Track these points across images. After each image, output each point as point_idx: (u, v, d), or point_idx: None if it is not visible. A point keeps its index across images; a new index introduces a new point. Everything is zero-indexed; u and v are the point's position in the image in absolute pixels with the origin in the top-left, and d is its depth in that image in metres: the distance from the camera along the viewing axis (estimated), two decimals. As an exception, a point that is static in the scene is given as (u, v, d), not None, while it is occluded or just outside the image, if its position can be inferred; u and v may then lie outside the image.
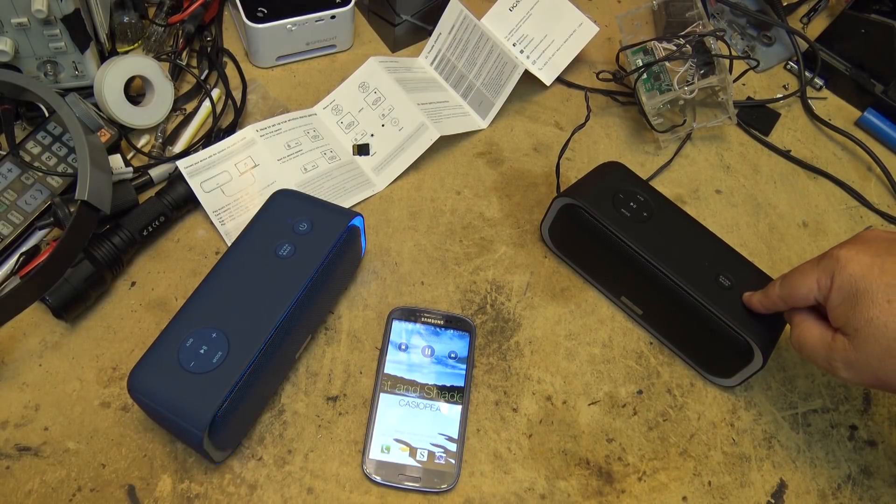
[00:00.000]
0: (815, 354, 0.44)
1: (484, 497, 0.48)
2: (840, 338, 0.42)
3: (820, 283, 0.43)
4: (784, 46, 0.77)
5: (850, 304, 0.41)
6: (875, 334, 0.40)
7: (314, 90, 0.68)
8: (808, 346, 0.44)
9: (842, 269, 0.42)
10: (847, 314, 0.41)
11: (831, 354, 0.43)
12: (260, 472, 0.48)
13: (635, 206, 0.54)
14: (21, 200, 0.55)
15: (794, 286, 0.45)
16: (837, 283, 0.42)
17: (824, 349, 0.43)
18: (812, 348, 0.44)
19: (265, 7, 0.65)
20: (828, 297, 0.43)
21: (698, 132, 0.70)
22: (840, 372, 0.43)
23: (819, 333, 0.44)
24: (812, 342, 0.44)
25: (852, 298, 0.41)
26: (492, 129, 0.67)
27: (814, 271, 0.44)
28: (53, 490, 0.46)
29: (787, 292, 0.46)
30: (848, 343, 0.41)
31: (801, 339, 0.45)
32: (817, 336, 0.44)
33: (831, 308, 0.43)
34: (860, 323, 0.40)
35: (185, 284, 0.55)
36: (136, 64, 0.59)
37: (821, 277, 0.43)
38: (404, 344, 0.53)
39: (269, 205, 0.51)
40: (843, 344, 0.42)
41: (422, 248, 0.59)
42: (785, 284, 0.46)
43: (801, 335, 0.45)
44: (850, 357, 0.42)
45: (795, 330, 0.46)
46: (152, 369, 0.44)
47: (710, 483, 0.51)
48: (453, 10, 0.67)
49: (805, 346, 0.45)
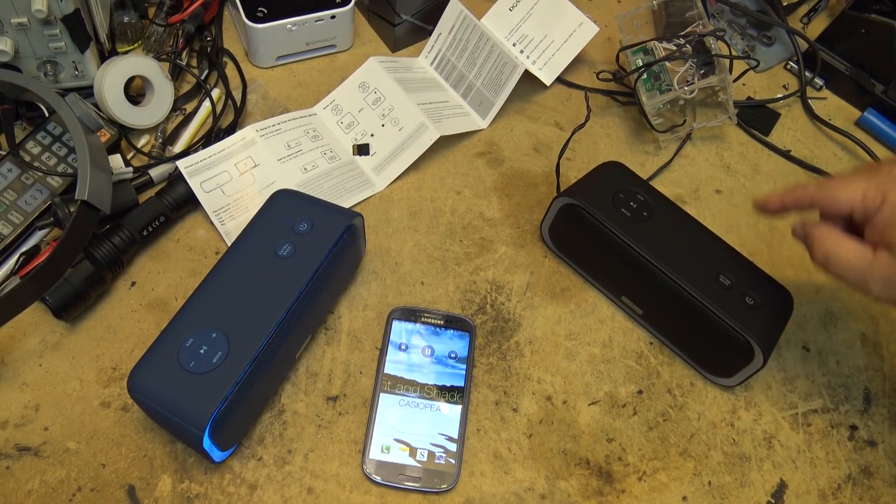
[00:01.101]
0: (850, 269, 0.43)
1: (484, 497, 0.48)
2: (883, 254, 0.41)
3: (868, 195, 0.42)
4: (784, 46, 0.77)
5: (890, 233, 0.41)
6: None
7: (314, 90, 0.68)
8: (843, 259, 0.43)
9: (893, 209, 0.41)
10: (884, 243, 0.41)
11: (871, 270, 0.42)
12: (260, 472, 0.48)
13: (635, 206, 0.54)
14: (21, 200, 0.55)
15: (835, 190, 0.43)
16: (892, 201, 0.41)
17: (862, 264, 0.42)
18: (847, 262, 0.43)
19: (265, 7, 0.65)
20: (875, 212, 0.42)
21: (698, 132, 0.70)
22: (874, 288, 0.42)
23: (855, 248, 0.42)
24: (847, 256, 0.43)
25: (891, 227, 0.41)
26: (492, 129, 0.67)
27: (861, 182, 0.42)
28: (53, 490, 0.46)
29: (825, 195, 0.44)
30: (893, 261, 0.41)
31: (834, 253, 0.43)
32: (853, 250, 0.42)
33: (877, 223, 0.42)
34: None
35: (185, 284, 0.55)
36: (136, 64, 0.59)
37: (869, 190, 0.42)
38: (404, 344, 0.53)
39: (269, 205, 0.51)
40: (887, 261, 0.41)
41: (422, 248, 0.59)
42: (824, 187, 0.44)
43: (833, 248, 0.43)
44: (891, 275, 0.41)
45: (826, 243, 0.44)
46: (152, 369, 0.44)
47: (711, 483, 0.51)
48: (453, 10, 0.67)
49: (839, 260, 0.43)
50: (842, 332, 0.59)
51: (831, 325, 0.59)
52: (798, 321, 0.59)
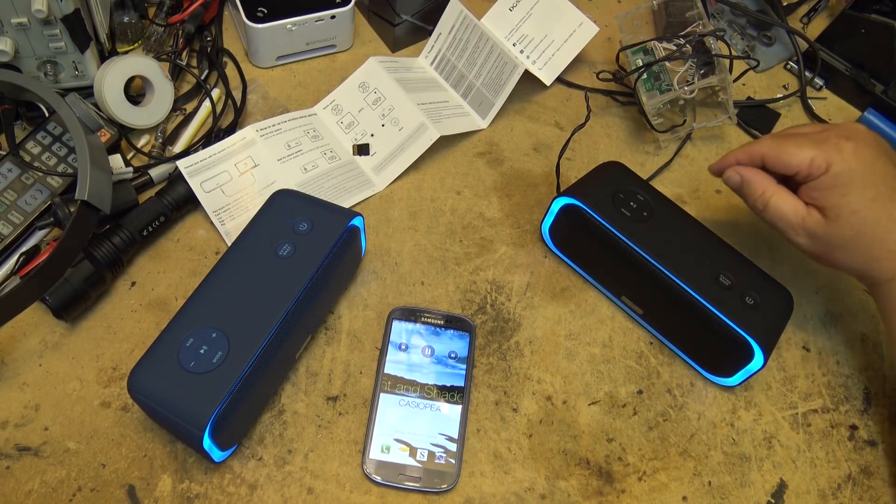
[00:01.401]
0: (784, 219, 0.48)
1: (484, 497, 0.48)
2: (815, 213, 0.47)
3: (815, 162, 0.46)
4: (784, 46, 0.77)
5: (839, 192, 0.46)
6: (852, 223, 0.46)
7: (314, 90, 0.68)
8: (781, 208, 0.48)
9: (843, 161, 0.46)
10: (832, 199, 0.46)
11: (803, 224, 0.48)
12: (260, 472, 0.48)
13: (635, 206, 0.54)
14: (21, 200, 0.55)
15: (788, 155, 0.48)
16: (834, 171, 0.46)
17: (797, 218, 0.48)
18: (783, 212, 0.48)
19: (265, 7, 0.65)
20: (816, 178, 0.47)
21: (698, 132, 0.70)
22: (800, 240, 0.49)
23: (794, 203, 0.48)
24: (785, 207, 0.48)
25: (843, 188, 0.46)
26: (492, 129, 0.67)
27: (810, 149, 0.47)
28: (53, 490, 0.46)
29: (777, 156, 0.48)
30: (823, 221, 0.47)
31: (774, 202, 0.49)
32: (791, 205, 0.48)
33: (815, 187, 0.47)
34: (843, 211, 0.46)
35: (185, 284, 0.55)
36: (136, 64, 0.59)
37: (817, 157, 0.46)
38: (404, 344, 0.53)
39: (269, 205, 0.51)
40: (818, 220, 0.47)
41: (422, 248, 0.59)
42: (777, 148, 0.48)
43: (774, 198, 0.49)
44: (818, 232, 0.47)
45: (767, 192, 0.49)
46: (152, 369, 0.44)
47: (711, 483, 0.51)
48: (453, 10, 0.67)
49: (778, 208, 0.48)
50: (842, 332, 0.59)
51: (831, 325, 0.59)
52: (798, 321, 0.59)
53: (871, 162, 0.46)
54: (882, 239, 0.46)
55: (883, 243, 0.46)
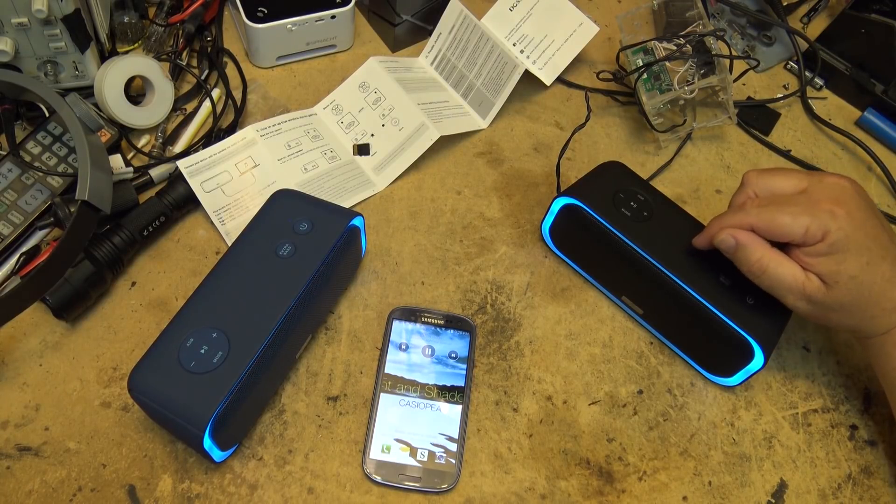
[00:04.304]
0: (783, 284, 0.47)
1: (484, 497, 0.48)
2: (814, 279, 0.46)
3: (810, 231, 0.45)
4: (784, 46, 0.77)
5: (837, 260, 0.45)
6: (851, 288, 0.46)
7: (314, 90, 0.68)
8: (779, 275, 0.47)
9: (839, 229, 0.45)
10: (831, 266, 0.45)
11: (802, 290, 0.47)
12: (260, 471, 0.48)
13: (636, 206, 0.54)
14: (21, 200, 0.55)
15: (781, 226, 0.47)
16: (831, 240, 0.45)
17: (796, 283, 0.47)
18: (782, 278, 0.47)
19: (265, 7, 0.65)
20: (812, 246, 0.46)
21: (698, 132, 0.70)
22: (799, 304, 0.48)
23: (793, 270, 0.47)
24: (784, 272, 0.47)
25: (840, 254, 0.45)
26: (492, 129, 0.67)
27: (804, 218, 0.46)
28: (54, 490, 0.46)
29: (768, 227, 0.47)
30: (823, 287, 0.46)
31: (773, 267, 0.47)
32: (790, 272, 0.47)
33: (811, 254, 0.46)
34: (842, 277, 0.45)
35: (186, 284, 0.55)
36: (136, 64, 0.59)
37: (812, 226, 0.45)
38: (404, 344, 0.53)
39: (269, 205, 0.51)
40: (818, 286, 0.46)
41: (422, 248, 0.59)
42: (768, 219, 0.47)
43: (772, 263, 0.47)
44: (818, 297, 0.46)
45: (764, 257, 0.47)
46: (152, 369, 0.44)
47: (711, 483, 0.51)
48: (453, 10, 0.67)
49: (777, 274, 0.47)
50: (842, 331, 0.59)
51: (831, 325, 0.59)
52: (798, 321, 0.59)
53: (863, 224, 0.46)
54: (877, 300, 0.46)
55: (878, 303, 0.46)
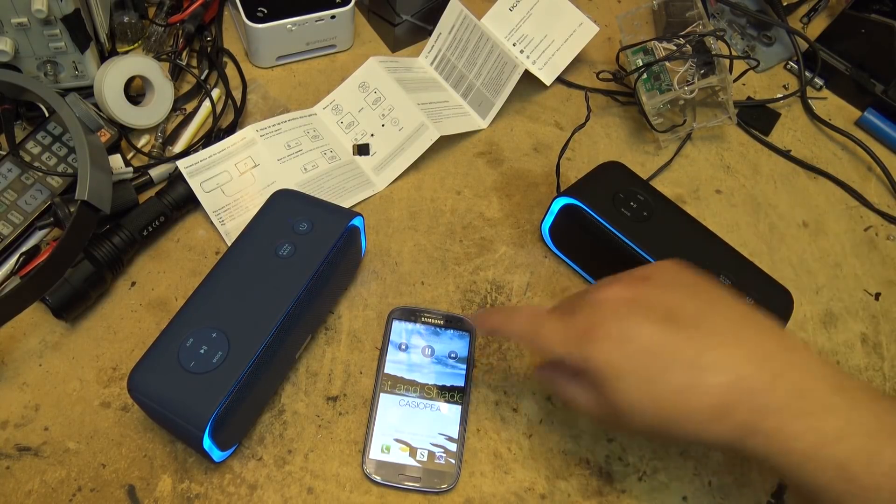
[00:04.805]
0: (587, 413, 0.42)
1: (484, 497, 0.48)
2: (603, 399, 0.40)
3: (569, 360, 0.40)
4: (784, 46, 0.77)
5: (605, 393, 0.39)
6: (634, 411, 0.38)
7: (314, 90, 0.68)
8: (579, 406, 0.42)
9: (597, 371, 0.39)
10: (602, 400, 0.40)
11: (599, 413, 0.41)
12: (260, 472, 0.48)
13: (635, 206, 0.54)
14: (21, 200, 0.55)
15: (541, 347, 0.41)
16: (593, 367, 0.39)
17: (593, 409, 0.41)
18: (582, 408, 0.42)
19: (265, 7, 0.65)
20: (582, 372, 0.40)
21: (698, 132, 0.70)
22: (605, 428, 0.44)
23: (584, 393, 0.41)
24: (580, 402, 0.42)
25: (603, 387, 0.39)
26: (492, 129, 0.67)
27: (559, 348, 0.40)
28: (53, 490, 0.46)
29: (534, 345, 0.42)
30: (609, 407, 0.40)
31: (571, 399, 0.42)
32: (583, 397, 0.41)
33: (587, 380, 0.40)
34: (626, 409, 0.39)
35: (185, 284, 0.55)
36: (136, 64, 0.59)
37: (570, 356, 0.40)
38: (404, 344, 0.53)
39: (269, 205, 0.51)
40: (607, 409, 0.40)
41: (422, 248, 0.59)
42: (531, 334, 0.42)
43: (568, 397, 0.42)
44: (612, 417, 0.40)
45: (560, 391, 0.43)
46: (152, 369, 0.44)
47: (711, 483, 0.51)
48: (453, 10, 0.67)
49: (577, 406, 0.42)
50: (842, 332, 0.59)
51: (831, 325, 0.59)
52: (798, 321, 0.59)
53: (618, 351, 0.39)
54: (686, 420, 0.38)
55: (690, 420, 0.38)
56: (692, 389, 0.37)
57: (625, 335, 0.38)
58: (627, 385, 0.38)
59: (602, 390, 0.39)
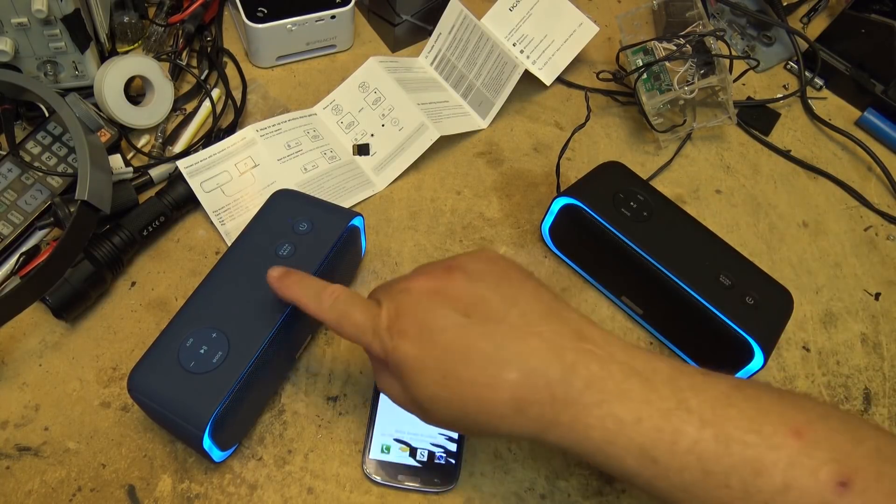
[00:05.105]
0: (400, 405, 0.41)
1: (484, 497, 0.48)
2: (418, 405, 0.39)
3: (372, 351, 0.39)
4: (784, 46, 0.77)
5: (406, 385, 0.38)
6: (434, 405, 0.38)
7: (314, 90, 0.68)
8: (392, 398, 0.41)
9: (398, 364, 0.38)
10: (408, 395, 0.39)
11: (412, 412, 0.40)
12: (260, 472, 0.48)
13: (635, 206, 0.54)
14: (21, 200, 0.55)
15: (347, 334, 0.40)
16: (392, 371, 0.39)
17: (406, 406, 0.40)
18: (396, 401, 0.41)
19: (265, 7, 0.65)
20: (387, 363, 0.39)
21: (698, 132, 0.70)
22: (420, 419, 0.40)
23: (396, 388, 0.40)
24: (394, 395, 0.40)
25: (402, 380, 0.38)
26: (492, 129, 0.67)
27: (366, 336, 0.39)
28: (53, 490, 0.46)
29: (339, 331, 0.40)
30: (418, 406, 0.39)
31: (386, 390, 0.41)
32: (394, 391, 0.40)
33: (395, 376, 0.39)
34: (426, 402, 0.38)
35: (185, 284, 0.55)
36: (136, 64, 0.59)
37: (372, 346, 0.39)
38: (404, 344, 0.53)
39: (269, 205, 0.51)
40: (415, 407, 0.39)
41: (422, 248, 0.59)
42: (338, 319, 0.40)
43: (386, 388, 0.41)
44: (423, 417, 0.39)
45: (376, 378, 0.42)
46: (152, 369, 0.43)
47: (711, 483, 0.50)
48: (453, 10, 0.67)
49: (391, 397, 0.41)
50: (842, 332, 0.59)
51: (831, 325, 0.59)
52: (798, 321, 0.59)
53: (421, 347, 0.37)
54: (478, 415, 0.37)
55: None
56: (489, 384, 0.36)
57: (425, 328, 0.37)
58: (426, 379, 0.37)
59: (403, 383, 0.38)
